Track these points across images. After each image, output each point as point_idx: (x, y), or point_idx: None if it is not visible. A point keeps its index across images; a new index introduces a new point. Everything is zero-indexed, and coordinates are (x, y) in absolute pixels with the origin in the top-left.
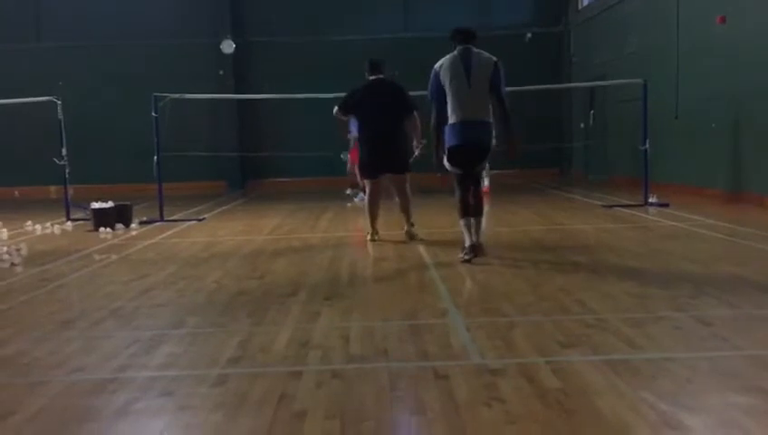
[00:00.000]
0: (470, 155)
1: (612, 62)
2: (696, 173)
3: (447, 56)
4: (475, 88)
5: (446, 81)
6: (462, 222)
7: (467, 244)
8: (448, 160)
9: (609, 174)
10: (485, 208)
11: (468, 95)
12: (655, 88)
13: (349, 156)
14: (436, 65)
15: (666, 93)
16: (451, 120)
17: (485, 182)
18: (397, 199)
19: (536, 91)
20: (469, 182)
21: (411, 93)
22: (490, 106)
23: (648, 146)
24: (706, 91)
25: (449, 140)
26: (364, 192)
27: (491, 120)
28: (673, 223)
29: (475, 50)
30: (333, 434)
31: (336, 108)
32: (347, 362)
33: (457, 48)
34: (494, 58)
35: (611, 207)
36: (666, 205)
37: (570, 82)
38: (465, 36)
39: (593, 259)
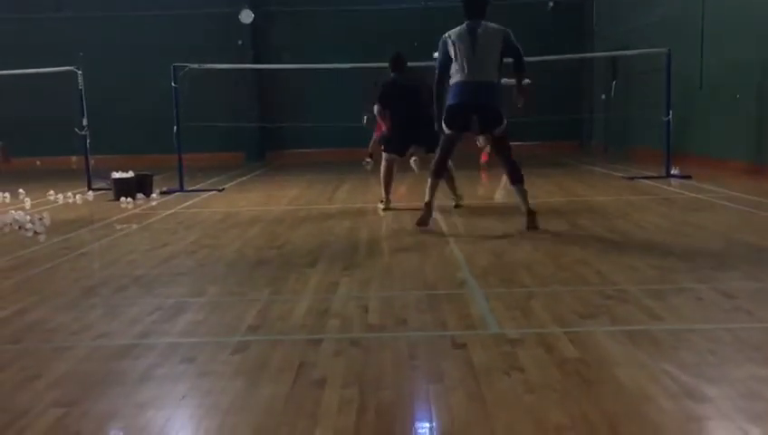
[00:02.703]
0: (468, 114)
1: (635, 31)
2: (720, 145)
3: (457, 28)
4: (480, 57)
5: (451, 49)
6: (431, 181)
7: (425, 200)
8: (446, 121)
9: (630, 146)
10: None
11: (473, 60)
12: (678, 58)
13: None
14: (446, 34)
15: (690, 63)
16: (453, 80)
17: (487, 148)
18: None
19: (557, 61)
20: (452, 147)
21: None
22: (495, 71)
23: (670, 117)
24: (731, 60)
25: (450, 99)
26: (371, 157)
27: (495, 81)
28: (695, 195)
29: (484, 23)
30: (352, 401)
31: (377, 107)
32: (366, 331)
33: (466, 22)
34: (503, 28)
35: (633, 178)
36: (688, 177)
37: (591, 52)
38: (474, 10)
39: (613, 231)
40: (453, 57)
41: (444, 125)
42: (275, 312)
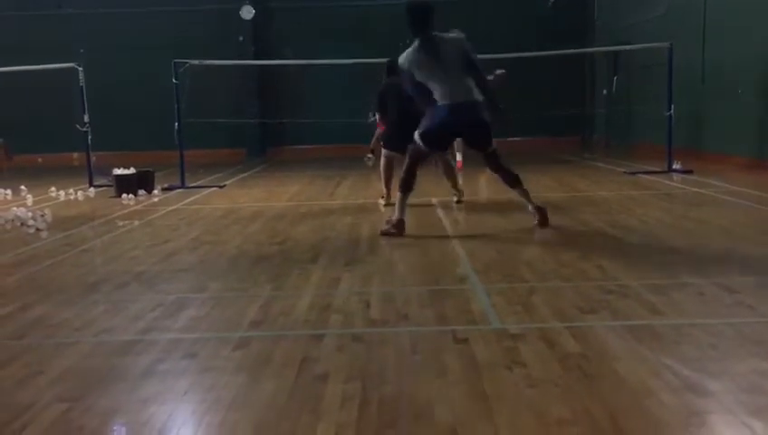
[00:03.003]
0: (453, 136)
1: (637, 25)
2: (722, 139)
3: (408, 53)
4: (453, 73)
5: (419, 75)
6: (400, 196)
7: (395, 218)
8: (428, 139)
9: (632, 141)
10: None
11: (447, 81)
12: (681, 52)
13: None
14: (402, 64)
15: (692, 58)
16: (438, 102)
17: (458, 157)
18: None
19: (558, 56)
20: (422, 162)
21: None
22: (473, 83)
23: (672, 112)
24: (734, 55)
25: (438, 116)
26: (372, 154)
27: (479, 98)
28: (697, 190)
29: (437, 35)
30: (354, 396)
31: (377, 115)
32: (368, 327)
33: (418, 41)
34: (459, 37)
35: (634, 173)
36: (690, 171)
37: (593, 47)
38: (422, 24)
39: (615, 226)
40: (426, 83)
41: (422, 141)
42: (277, 307)
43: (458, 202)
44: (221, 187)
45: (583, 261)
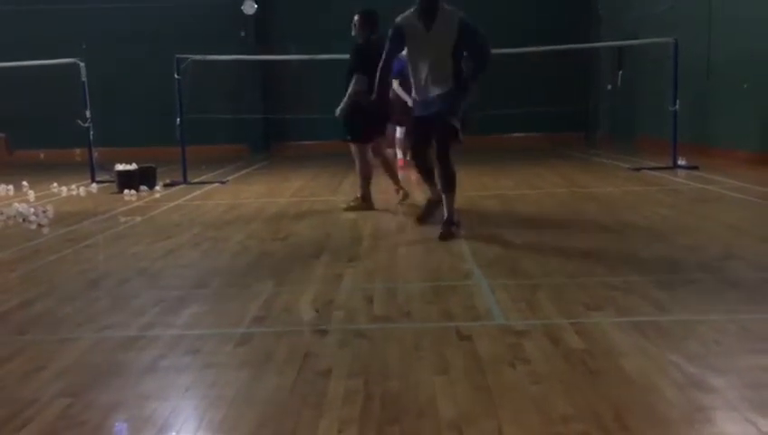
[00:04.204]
0: (426, 127)
1: (642, 20)
2: (727, 135)
3: (408, 12)
4: (431, 58)
5: (406, 42)
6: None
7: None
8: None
9: (636, 136)
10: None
11: (422, 66)
12: (686, 47)
13: None
14: (398, 20)
15: (697, 53)
16: (414, 89)
17: (399, 155)
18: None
19: (562, 50)
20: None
21: None
22: (450, 76)
23: (677, 107)
24: (740, 50)
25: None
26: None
27: (448, 88)
28: (702, 186)
29: (442, 7)
30: (357, 392)
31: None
32: (371, 323)
33: (419, 2)
34: (458, 13)
35: (639, 169)
36: (695, 167)
37: (598, 41)
38: None
39: (620, 222)
40: (407, 55)
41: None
42: (280, 303)
43: (403, 201)
44: (223, 182)
45: (588, 257)
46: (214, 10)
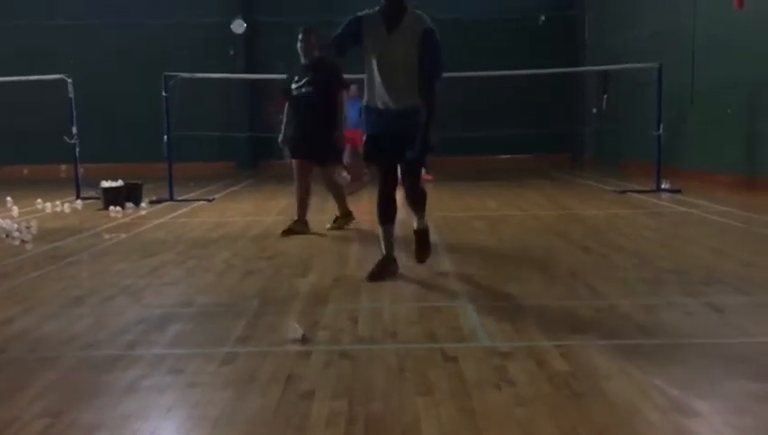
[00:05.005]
0: (387, 145)
1: (627, 45)
2: (711, 159)
3: (372, 11)
4: (391, 67)
5: (363, 39)
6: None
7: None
8: (365, 152)
9: (621, 159)
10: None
11: (382, 71)
12: (670, 72)
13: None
14: (361, 13)
15: (681, 78)
16: (366, 99)
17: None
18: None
19: (549, 74)
20: (395, 176)
21: None
22: (415, 88)
23: (661, 131)
24: (723, 76)
25: (366, 126)
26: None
27: (416, 105)
28: (686, 209)
29: (410, 11)
30: (341, 414)
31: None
32: (355, 343)
33: (382, 4)
34: (426, 25)
35: (624, 192)
36: (678, 191)
37: (583, 66)
38: None
39: (604, 244)
40: (363, 52)
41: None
42: (265, 323)
43: (333, 224)
44: (210, 200)
45: (572, 279)
46: (203, 28)
